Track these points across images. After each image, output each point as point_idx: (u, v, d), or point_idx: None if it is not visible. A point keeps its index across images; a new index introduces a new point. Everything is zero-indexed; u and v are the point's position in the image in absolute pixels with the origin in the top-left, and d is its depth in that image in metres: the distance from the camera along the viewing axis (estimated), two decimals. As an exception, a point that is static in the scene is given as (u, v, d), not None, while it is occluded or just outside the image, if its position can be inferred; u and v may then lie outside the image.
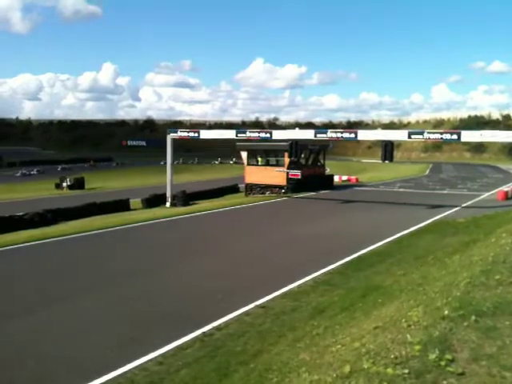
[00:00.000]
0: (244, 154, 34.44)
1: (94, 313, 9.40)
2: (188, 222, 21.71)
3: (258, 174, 33.23)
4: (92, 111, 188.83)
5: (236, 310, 9.21)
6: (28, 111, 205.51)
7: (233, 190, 35.34)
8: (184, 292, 10.76)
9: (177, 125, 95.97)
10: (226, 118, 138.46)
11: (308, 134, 27.68)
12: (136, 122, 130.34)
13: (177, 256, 14.69)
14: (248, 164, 34.37)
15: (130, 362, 7.04)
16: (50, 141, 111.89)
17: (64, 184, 39.13)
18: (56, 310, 9.58)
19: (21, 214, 20.31)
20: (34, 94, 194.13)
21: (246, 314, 9.08)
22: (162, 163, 68.43)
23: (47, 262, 14.01)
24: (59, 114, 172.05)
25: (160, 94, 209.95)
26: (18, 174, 52.18)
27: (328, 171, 40.55)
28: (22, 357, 7.39)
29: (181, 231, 19.60)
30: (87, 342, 7.97)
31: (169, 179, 28.47)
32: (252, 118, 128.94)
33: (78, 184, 39.38)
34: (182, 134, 30.55)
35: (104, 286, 11.32)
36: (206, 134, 31.38)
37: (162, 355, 7.32)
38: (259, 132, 29.56)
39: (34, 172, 54.67)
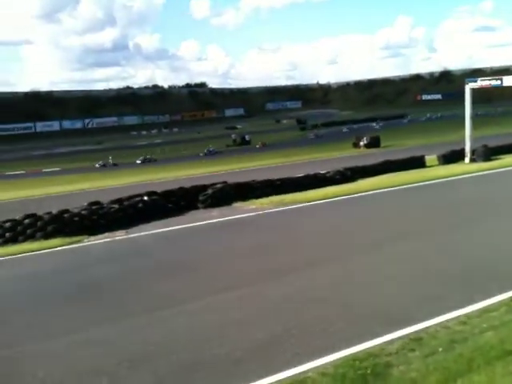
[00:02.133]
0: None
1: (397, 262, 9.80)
2: (488, 178, 20.19)
3: None
4: (388, 69, 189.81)
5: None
6: (327, 75, 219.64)
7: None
8: (491, 251, 10.18)
9: (476, 73, 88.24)
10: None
11: None
12: (431, 74, 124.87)
13: (482, 214, 13.79)
14: None
15: (430, 318, 7.09)
16: (348, 101, 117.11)
17: (361, 143, 40.78)
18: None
19: (324, 172, 22.26)
20: (332, 57, 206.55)
21: None
22: (375, 125, 61.85)
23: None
24: (356, 75, 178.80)
25: (457, 42, 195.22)
26: (312, 136, 56.66)
27: None
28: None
29: (481, 189, 18.32)
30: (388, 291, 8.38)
31: (468, 133, 26.64)
32: None
33: (374, 142, 40.51)
34: (482, 82, 27.92)
35: (391, 242, 11.59)
36: (510, 81, 28.05)
37: (465, 315, 7.13)
38: None
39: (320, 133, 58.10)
